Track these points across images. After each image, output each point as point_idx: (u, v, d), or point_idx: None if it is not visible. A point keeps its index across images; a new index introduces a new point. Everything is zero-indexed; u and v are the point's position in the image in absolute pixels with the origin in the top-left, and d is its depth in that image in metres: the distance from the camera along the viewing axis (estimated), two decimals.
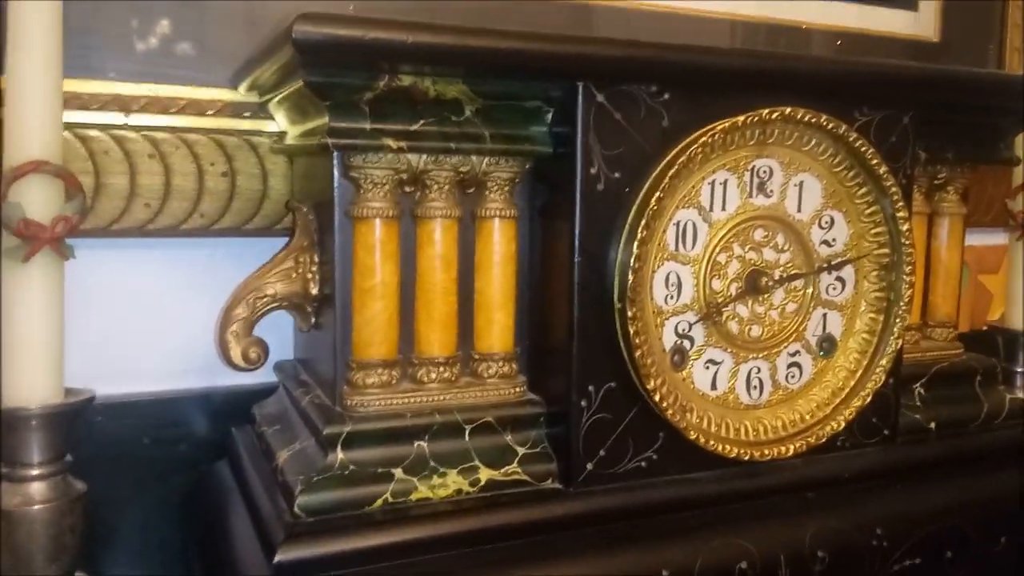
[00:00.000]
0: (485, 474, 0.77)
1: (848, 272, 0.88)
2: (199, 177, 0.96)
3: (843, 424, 0.87)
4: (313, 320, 0.84)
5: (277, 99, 0.87)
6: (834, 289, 0.88)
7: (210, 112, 0.96)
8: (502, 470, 0.78)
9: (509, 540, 0.75)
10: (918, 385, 0.98)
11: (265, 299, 0.83)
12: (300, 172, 0.94)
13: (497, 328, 0.81)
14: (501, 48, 0.72)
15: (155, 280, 0.99)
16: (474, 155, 0.77)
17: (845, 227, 0.87)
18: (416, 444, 0.77)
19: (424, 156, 0.76)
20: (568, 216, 0.76)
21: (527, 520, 0.76)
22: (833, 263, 0.86)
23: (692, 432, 0.80)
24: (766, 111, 0.79)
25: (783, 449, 0.84)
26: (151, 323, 1.00)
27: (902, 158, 0.88)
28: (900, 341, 0.89)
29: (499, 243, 0.81)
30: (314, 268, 0.83)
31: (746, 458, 0.83)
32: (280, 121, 0.94)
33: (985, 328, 1.24)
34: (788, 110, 0.79)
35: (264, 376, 0.93)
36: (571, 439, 0.77)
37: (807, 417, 0.86)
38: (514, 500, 0.77)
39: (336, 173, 0.76)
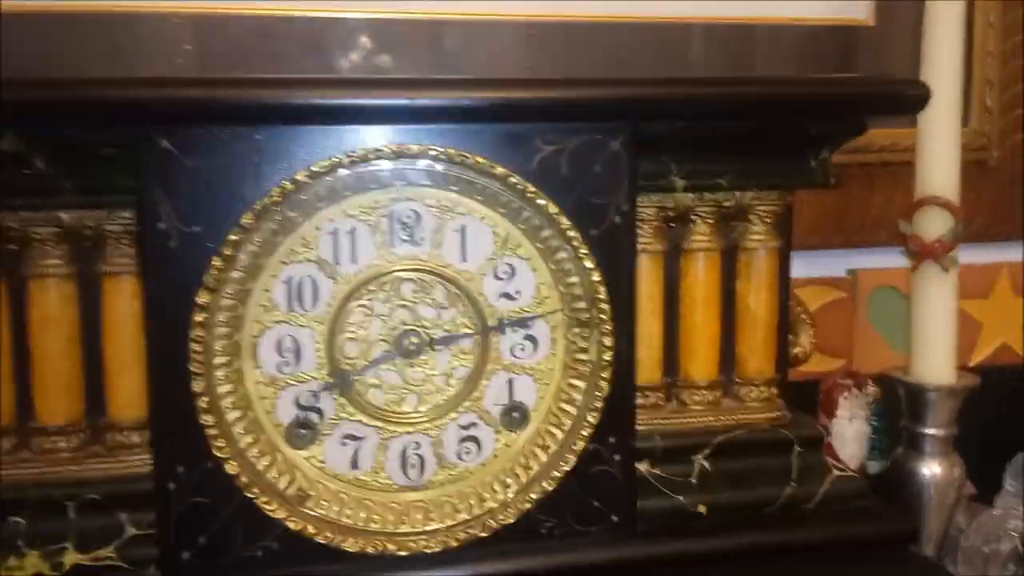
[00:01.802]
0: (71, 557, 0.70)
1: (542, 330, 0.73)
2: None
3: (538, 508, 0.73)
4: None
5: None
6: (522, 350, 0.73)
7: None
8: (91, 554, 0.71)
9: None
10: (699, 457, 0.81)
11: None
12: None
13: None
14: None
15: None
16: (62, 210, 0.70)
17: (531, 277, 0.72)
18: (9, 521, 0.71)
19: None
20: (142, 277, 0.68)
21: None
22: (506, 322, 0.72)
23: (310, 525, 0.69)
24: (370, 151, 0.66)
25: (449, 540, 0.72)
26: None
27: (615, 191, 0.72)
28: (632, 408, 0.74)
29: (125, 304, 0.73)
30: None
31: (392, 552, 0.71)
32: None
33: (880, 376, 1.02)
34: (395, 146, 0.66)
35: None
36: (164, 524, 0.69)
37: (486, 500, 0.73)
38: None
39: None
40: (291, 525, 0.69)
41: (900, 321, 1.18)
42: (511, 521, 0.73)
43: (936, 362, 0.95)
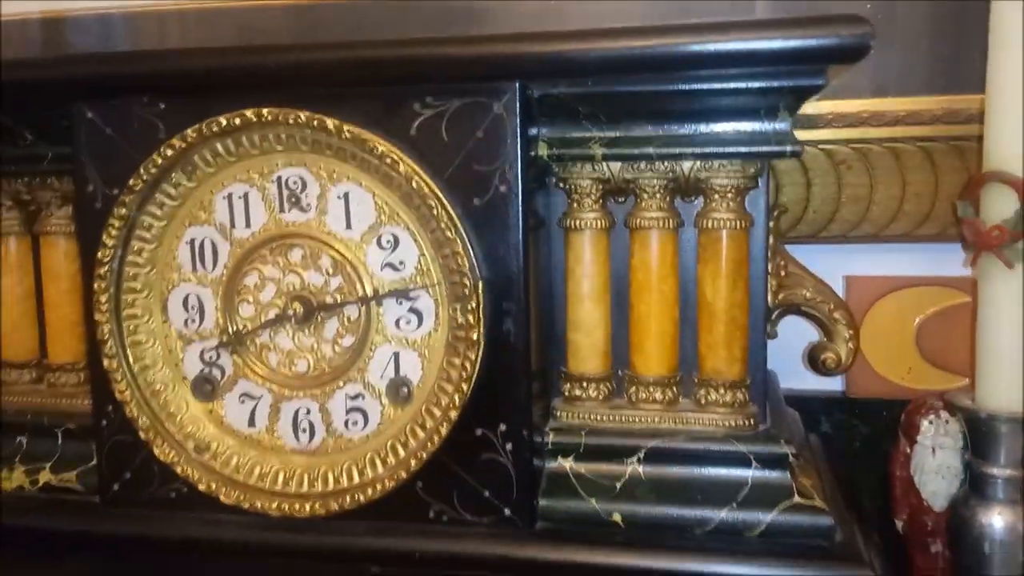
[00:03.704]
0: (45, 476, 0.82)
1: (426, 304, 0.70)
2: None
3: (424, 490, 0.71)
4: None
5: None
6: (407, 323, 0.71)
7: None
8: (59, 476, 0.81)
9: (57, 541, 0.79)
10: (632, 460, 0.73)
11: None
12: None
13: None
14: None
15: None
16: (35, 177, 0.82)
17: (414, 247, 0.70)
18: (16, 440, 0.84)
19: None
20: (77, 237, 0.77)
21: (54, 528, 0.79)
22: (382, 293, 0.70)
23: (205, 478, 0.74)
24: (251, 113, 0.69)
25: (327, 508, 0.72)
26: None
27: (499, 158, 0.67)
28: (525, 395, 0.69)
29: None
30: None
31: (273, 512, 0.73)
32: None
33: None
34: (267, 112, 0.68)
35: None
36: (99, 457, 0.78)
37: (368, 474, 0.72)
38: (56, 505, 0.80)
39: None
40: (190, 475, 0.74)
41: None
42: (393, 498, 0.71)
43: (1005, 385, 0.74)
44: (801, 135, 0.94)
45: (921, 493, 0.89)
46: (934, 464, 0.88)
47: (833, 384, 1.05)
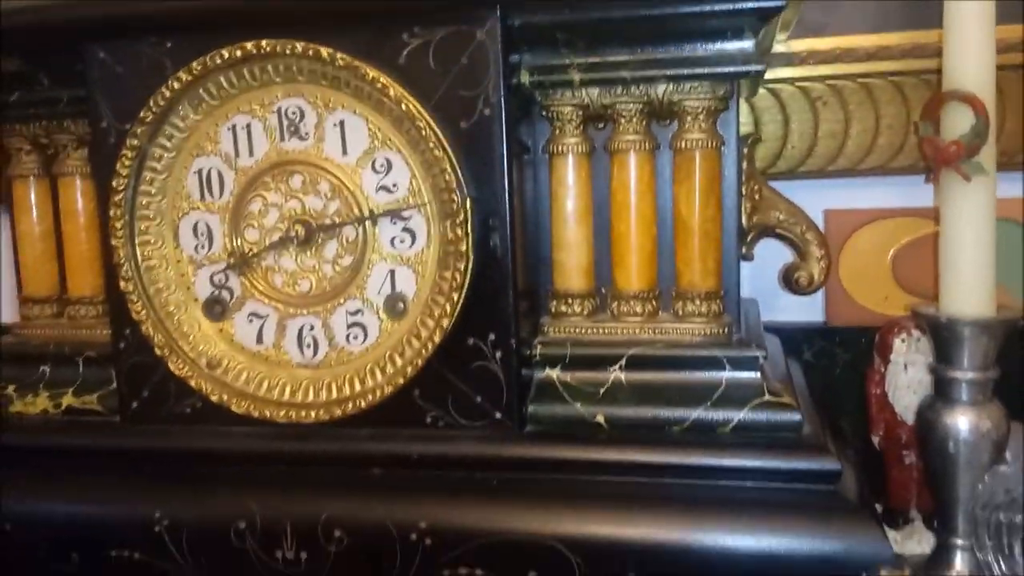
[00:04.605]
0: (68, 400, 0.87)
1: (419, 223, 0.76)
2: None
3: (420, 397, 0.76)
4: None
5: None
6: (402, 242, 0.76)
7: None
8: (81, 399, 0.87)
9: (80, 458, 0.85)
10: (615, 368, 0.78)
11: None
12: None
13: None
14: None
15: None
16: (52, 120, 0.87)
17: (406, 170, 0.75)
18: (40, 369, 0.90)
19: None
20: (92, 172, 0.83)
21: (78, 446, 0.85)
22: (378, 213, 0.75)
23: (218, 391, 0.79)
24: (251, 46, 0.74)
25: (331, 414, 0.77)
26: None
27: (483, 83, 0.72)
28: (511, 306, 0.74)
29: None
30: None
31: (281, 420, 0.78)
32: None
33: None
34: (265, 44, 0.73)
35: None
36: (119, 377, 0.84)
37: (368, 383, 0.77)
38: (81, 426, 0.86)
39: None
40: (203, 389, 0.79)
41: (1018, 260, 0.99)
42: (392, 405, 0.76)
43: (967, 292, 0.79)
44: (777, 73, 0.99)
45: (895, 408, 0.94)
46: (906, 380, 0.93)
47: (814, 315, 1.09)
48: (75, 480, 0.82)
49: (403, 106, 0.72)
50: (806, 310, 1.09)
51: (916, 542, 0.87)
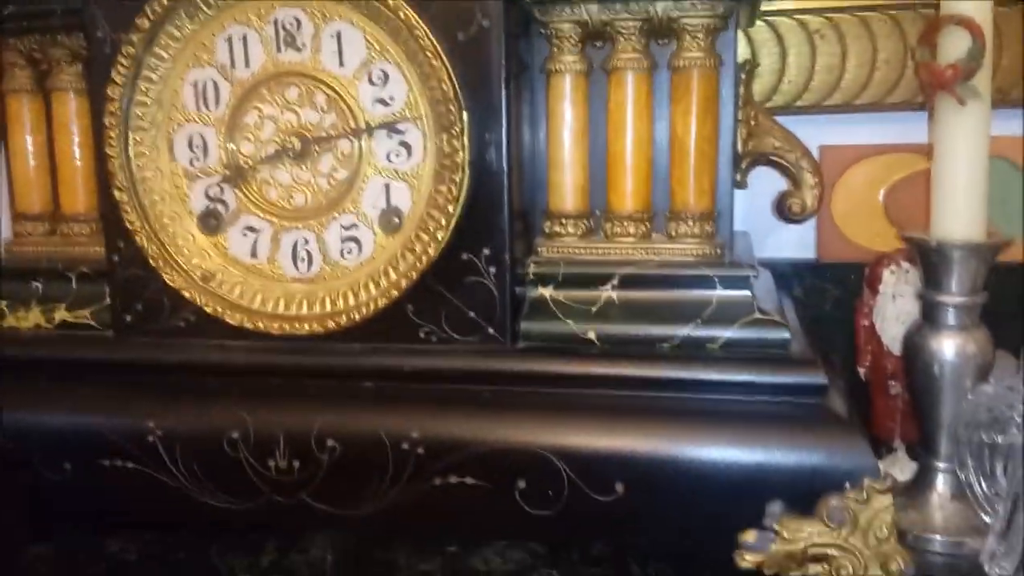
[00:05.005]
0: (61, 314, 0.88)
1: (415, 136, 0.76)
2: None
3: (414, 312, 0.76)
4: None
5: None
6: (397, 156, 0.76)
7: None
8: (74, 313, 0.87)
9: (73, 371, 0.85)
10: (607, 287, 0.78)
11: None
12: None
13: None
14: None
15: None
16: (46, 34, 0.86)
17: (402, 82, 0.75)
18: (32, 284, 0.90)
19: None
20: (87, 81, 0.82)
21: (72, 359, 0.85)
22: (374, 125, 0.75)
23: (212, 304, 0.79)
24: None
25: (325, 327, 0.78)
26: None
27: None
28: (505, 221, 0.74)
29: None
30: None
31: (275, 332, 0.79)
32: None
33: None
34: None
35: None
36: (112, 291, 0.84)
37: (362, 297, 0.78)
38: (75, 340, 0.86)
39: None
40: (197, 301, 0.80)
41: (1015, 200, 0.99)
42: (385, 319, 0.76)
43: (958, 216, 0.79)
44: (775, 5, 0.98)
45: (882, 340, 0.95)
46: (894, 311, 0.94)
47: (806, 252, 1.10)
48: (68, 392, 0.83)
49: (400, 15, 0.72)
50: (798, 247, 1.10)
51: (899, 471, 0.89)
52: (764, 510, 0.68)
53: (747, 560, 0.67)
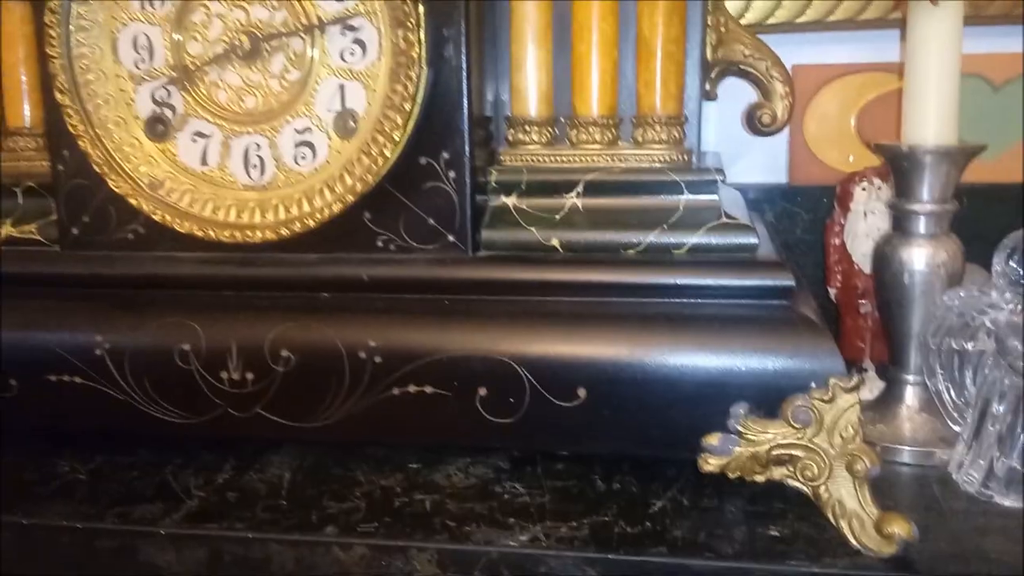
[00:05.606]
0: (7, 230, 0.84)
1: (370, 34, 0.72)
2: None
3: (372, 220, 0.74)
4: None
5: None
6: (351, 55, 0.73)
7: None
8: (20, 228, 0.84)
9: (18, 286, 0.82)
10: (571, 195, 0.76)
11: None
12: None
13: None
14: None
15: None
16: None
17: None
18: None
19: None
20: None
21: (18, 272, 0.81)
22: (328, 20, 0.72)
23: (160, 211, 0.76)
24: None
25: (278, 233, 0.75)
26: None
27: None
28: (464, 124, 0.71)
29: None
30: None
31: (227, 241, 0.76)
32: None
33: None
34: None
35: None
36: (57, 202, 0.80)
37: (317, 203, 0.75)
38: (20, 255, 0.82)
39: None
40: (145, 209, 0.76)
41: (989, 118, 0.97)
42: (341, 227, 0.74)
43: (930, 121, 0.78)
44: None
45: (852, 258, 0.94)
46: (865, 228, 0.92)
47: (778, 176, 1.08)
48: (14, 308, 0.79)
49: None
50: (769, 172, 1.08)
51: (868, 391, 0.87)
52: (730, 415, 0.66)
53: (710, 464, 0.66)
